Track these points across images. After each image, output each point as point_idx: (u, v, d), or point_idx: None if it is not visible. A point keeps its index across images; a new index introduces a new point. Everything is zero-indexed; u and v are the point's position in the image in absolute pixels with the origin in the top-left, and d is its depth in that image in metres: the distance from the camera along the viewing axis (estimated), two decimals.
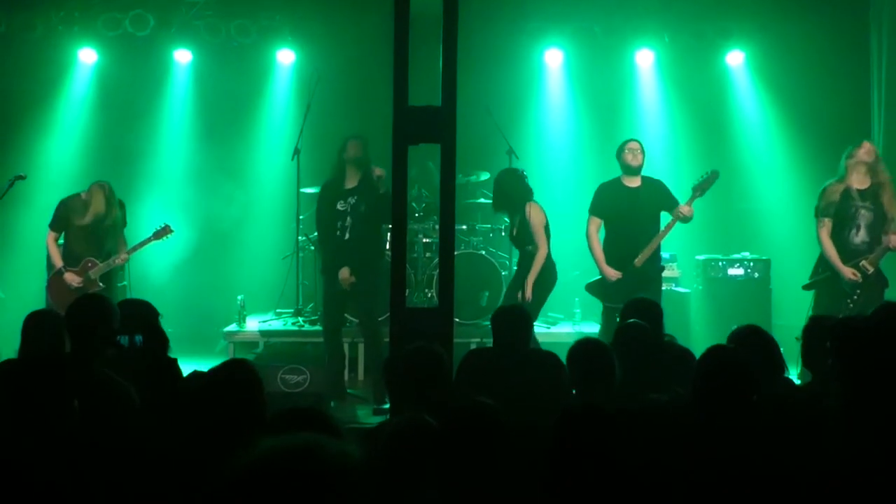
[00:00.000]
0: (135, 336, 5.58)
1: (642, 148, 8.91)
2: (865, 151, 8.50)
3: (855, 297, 8.32)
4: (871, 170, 8.49)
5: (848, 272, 8.37)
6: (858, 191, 8.47)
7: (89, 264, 9.16)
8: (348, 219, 8.84)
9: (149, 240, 9.48)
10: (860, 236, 8.44)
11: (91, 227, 9.17)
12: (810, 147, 10.76)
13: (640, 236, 8.76)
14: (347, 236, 8.83)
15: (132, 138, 11.86)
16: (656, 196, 8.87)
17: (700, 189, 8.82)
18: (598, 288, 8.94)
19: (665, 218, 8.87)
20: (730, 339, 5.30)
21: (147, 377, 5.25)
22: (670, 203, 8.85)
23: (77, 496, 3.49)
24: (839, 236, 8.48)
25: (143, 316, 5.81)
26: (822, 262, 8.58)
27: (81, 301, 5.40)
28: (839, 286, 8.40)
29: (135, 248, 9.44)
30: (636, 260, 8.70)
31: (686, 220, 8.79)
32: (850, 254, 8.42)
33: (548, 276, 8.73)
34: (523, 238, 8.76)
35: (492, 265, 10.32)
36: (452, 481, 3.51)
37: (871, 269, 8.36)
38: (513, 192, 8.80)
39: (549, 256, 8.70)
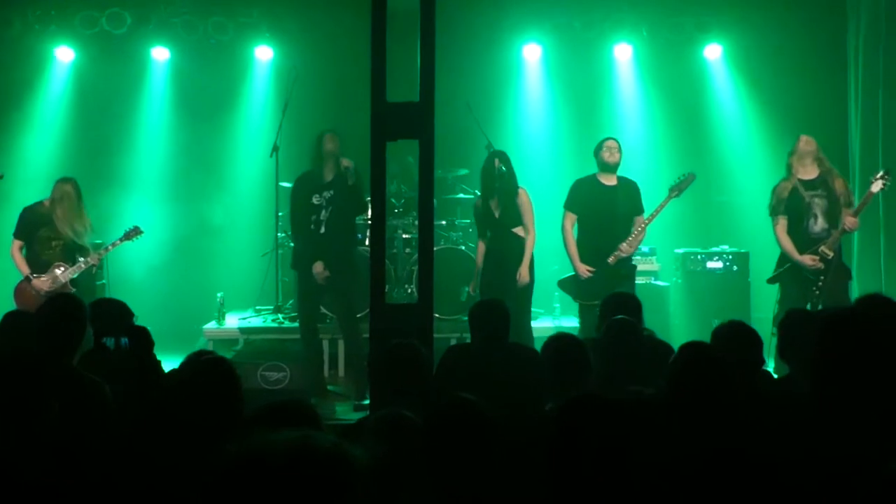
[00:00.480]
0: (121, 338, 5.59)
1: (620, 147, 8.95)
2: (805, 142, 8.73)
3: (819, 283, 8.42)
4: (817, 158, 8.68)
5: (807, 259, 8.51)
6: (808, 182, 8.63)
7: (58, 269, 9.08)
8: (324, 212, 8.79)
9: (119, 241, 9.41)
10: (819, 224, 8.58)
11: (60, 231, 9.09)
12: (788, 140, 10.73)
13: (614, 235, 8.81)
14: (323, 230, 8.79)
15: (110, 136, 11.83)
16: (630, 198, 8.94)
17: (677, 189, 8.92)
18: (571, 285, 8.96)
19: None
20: (714, 335, 5.31)
21: (132, 378, 5.26)
22: (638, 210, 8.93)
23: (58, 494, 3.49)
24: (798, 228, 8.61)
25: (119, 316, 5.81)
26: (784, 256, 8.70)
27: (53, 301, 5.40)
28: (803, 276, 8.50)
29: (105, 250, 9.38)
30: (610, 258, 8.74)
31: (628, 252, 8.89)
32: (811, 243, 8.56)
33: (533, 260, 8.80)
34: (509, 220, 8.74)
35: (472, 260, 10.29)
36: (440, 479, 3.50)
37: (830, 254, 8.46)
38: (513, 174, 8.82)
39: None
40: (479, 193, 9.14)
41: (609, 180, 8.92)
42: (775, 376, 5.91)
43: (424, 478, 3.52)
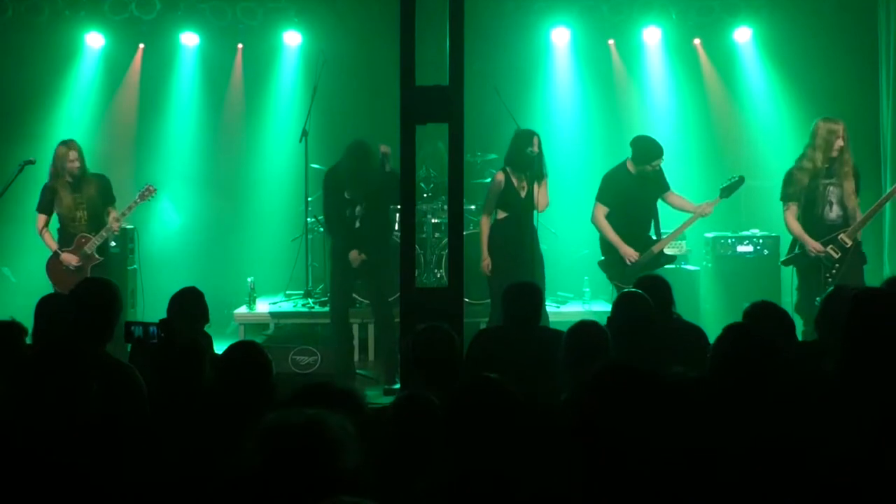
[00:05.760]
0: (149, 327, 5.63)
1: None
2: (824, 132, 8.47)
3: (833, 271, 8.34)
4: (830, 147, 8.44)
5: (812, 244, 8.44)
6: (822, 169, 8.47)
7: (83, 240, 9.16)
8: (358, 208, 8.88)
9: (135, 203, 9.41)
10: (834, 211, 8.48)
11: (71, 190, 9.17)
12: None
13: (646, 220, 9.01)
14: (357, 224, 8.87)
15: (139, 122, 11.90)
16: (655, 181, 9.00)
17: (727, 192, 8.98)
18: (611, 268, 8.97)
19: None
20: (745, 314, 5.28)
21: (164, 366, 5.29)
22: (664, 188, 9.08)
23: (94, 479, 3.52)
24: (812, 215, 8.52)
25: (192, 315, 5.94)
26: (795, 239, 8.66)
27: (86, 283, 5.44)
28: (817, 262, 8.43)
29: (123, 214, 9.37)
30: (654, 247, 8.80)
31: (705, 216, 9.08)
32: (826, 230, 8.46)
33: None
34: (533, 203, 8.76)
35: None
36: (466, 459, 3.49)
37: (849, 243, 8.36)
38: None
39: None
40: (509, 169, 8.98)
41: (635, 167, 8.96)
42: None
43: (444, 459, 3.50)
